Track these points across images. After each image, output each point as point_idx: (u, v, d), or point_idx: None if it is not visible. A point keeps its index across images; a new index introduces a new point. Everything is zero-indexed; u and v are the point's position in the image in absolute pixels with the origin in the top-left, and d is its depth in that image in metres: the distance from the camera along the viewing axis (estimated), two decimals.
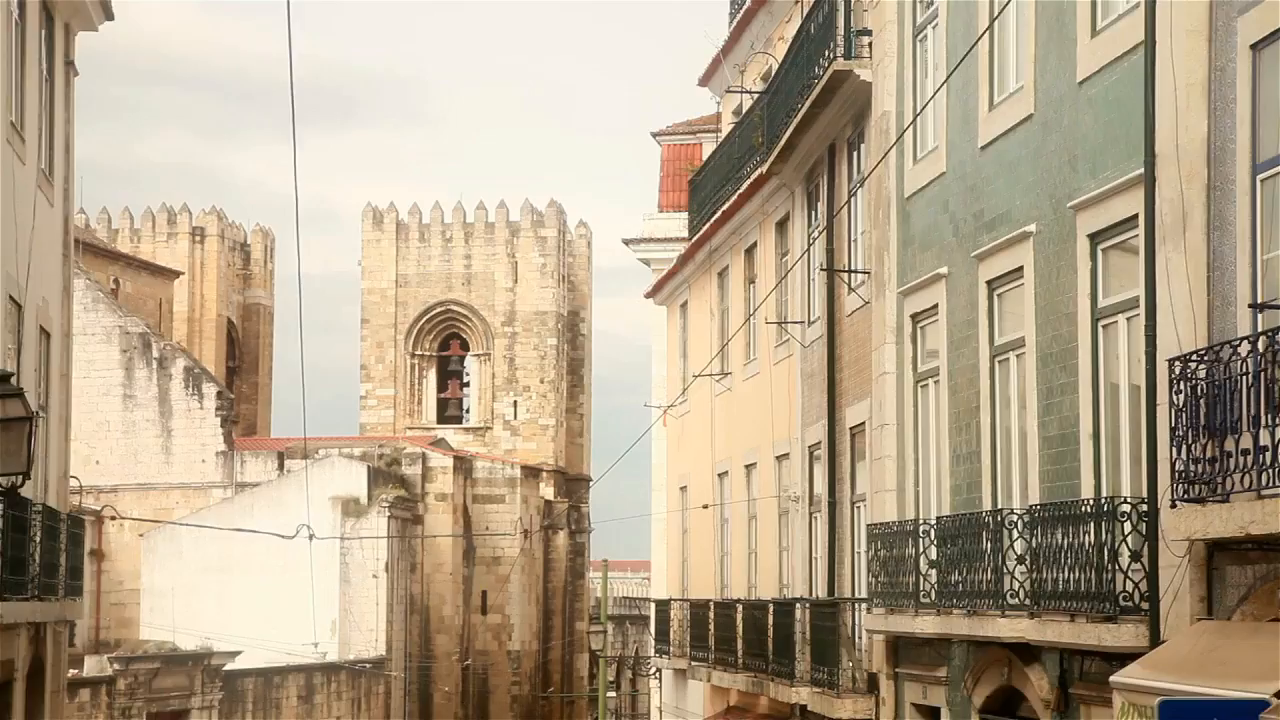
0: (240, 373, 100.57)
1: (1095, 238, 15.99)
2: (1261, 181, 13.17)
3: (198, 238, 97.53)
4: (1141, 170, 14.69)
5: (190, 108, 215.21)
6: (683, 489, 36.64)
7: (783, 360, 28.22)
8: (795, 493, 27.14)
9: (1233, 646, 12.90)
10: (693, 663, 32.75)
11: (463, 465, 77.80)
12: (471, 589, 79.10)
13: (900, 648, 20.91)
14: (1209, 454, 13.06)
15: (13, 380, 15.39)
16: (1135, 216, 15.01)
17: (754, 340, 30.37)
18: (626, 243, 53.61)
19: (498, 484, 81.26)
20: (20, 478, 15.23)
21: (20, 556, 19.55)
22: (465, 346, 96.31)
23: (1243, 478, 12.60)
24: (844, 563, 24.29)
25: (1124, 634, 14.60)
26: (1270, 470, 12.25)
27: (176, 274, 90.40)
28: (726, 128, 34.86)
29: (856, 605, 22.63)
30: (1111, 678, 13.78)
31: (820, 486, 25.64)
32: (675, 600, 35.51)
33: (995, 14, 18.22)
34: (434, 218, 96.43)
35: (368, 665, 61.76)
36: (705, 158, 37.78)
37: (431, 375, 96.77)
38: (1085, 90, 16.20)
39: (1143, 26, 14.69)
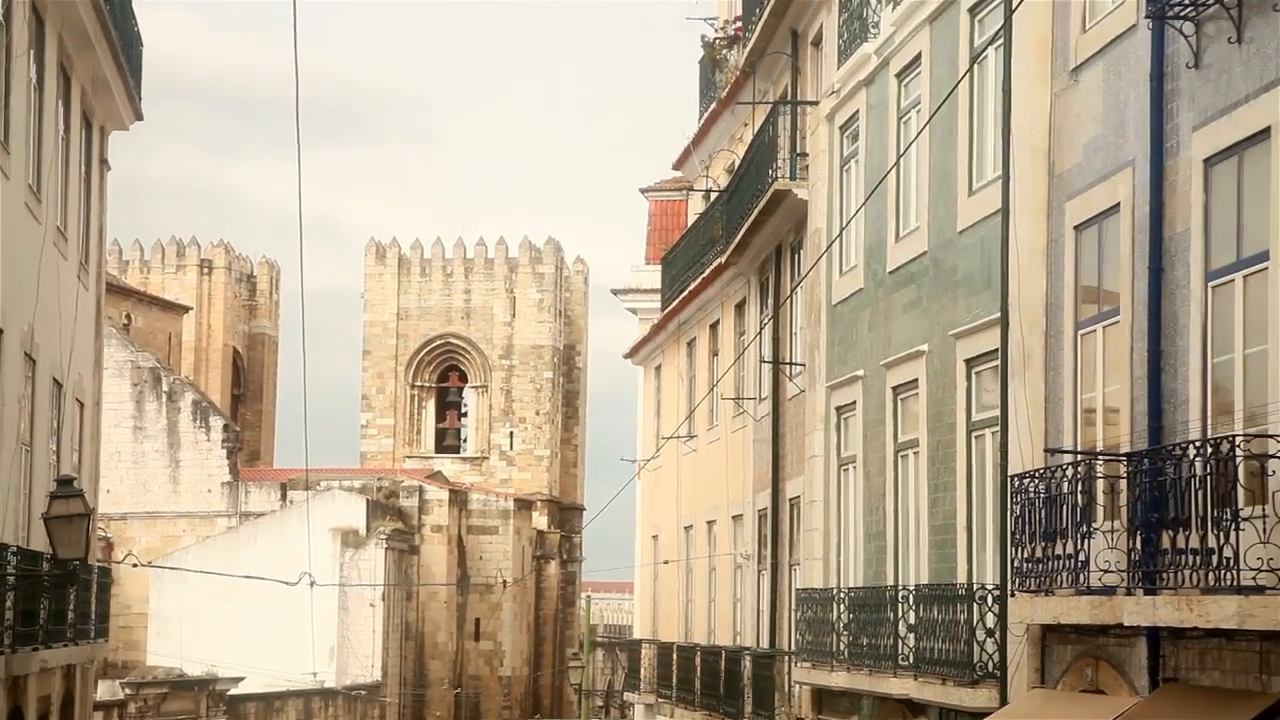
0: (245, 400, 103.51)
1: (970, 362, 19.19)
2: (1082, 336, 16.36)
3: (205, 270, 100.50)
4: (999, 314, 17.89)
5: (194, 123, 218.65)
6: (654, 538, 39.81)
7: (739, 430, 31.38)
8: (747, 551, 30.31)
9: (1054, 711, 16.06)
10: (659, 699, 35.91)
11: (458, 498, 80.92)
12: (465, 616, 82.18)
13: (823, 697, 24.08)
14: (1040, 554, 16.21)
15: (74, 483, 18.55)
16: (996, 350, 18.20)
17: (716, 408, 33.53)
18: (615, 293, 56.89)
19: (492, 515, 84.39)
20: (78, 562, 18.37)
21: (61, 609, 22.73)
22: (463, 378, 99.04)
23: (1065, 576, 15.75)
24: (783, 617, 27.44)
25: (980, 696, 17.79)
26: (1084, 572, 15.39)
27: (186, 309, 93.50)
28: (698, 207, 38.05)
29: (790, 658, 25.78)
30: None
31: (766, 548, 28.81)
32: (645, 641, 38.66)
33: (898, 156, 21.41)
34: (435, 253, 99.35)
35: (363, 691, 64.73)
36: (687, 222, 40.88)
37: (430, 406, 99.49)
38: (964, 239, 19.41)
39: (999, 196, 17.91)
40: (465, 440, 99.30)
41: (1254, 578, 12.31)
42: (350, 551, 68.98)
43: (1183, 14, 14.06)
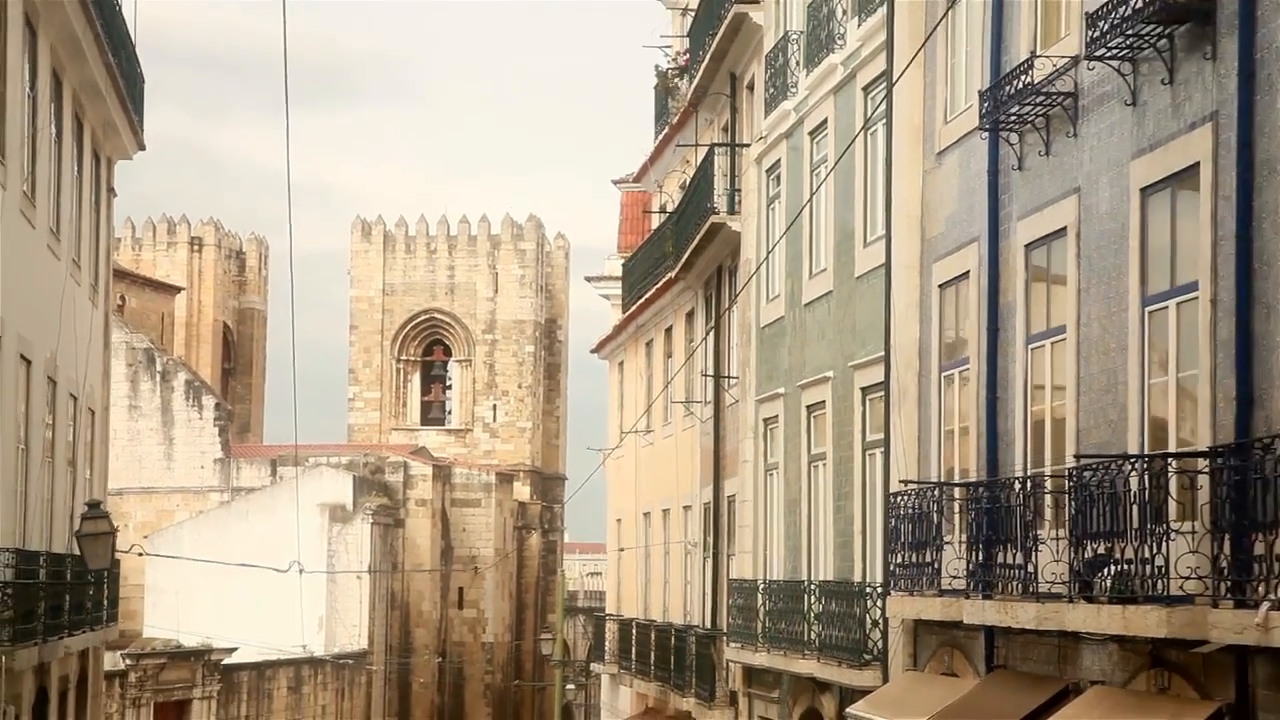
0: (235, 374, 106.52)
1: (865, 390, 22.40)
2: (944, 378, 19.56)
3: (196, 247, 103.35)
4: (884, 353, 21.09)
5: (180, 85, 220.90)
6: (618, 521, 43.07)
7: (688, 429, 34.58)
8: (694, 540, 33.56)
9: (919, 690, 19.31)
10: (620, 670, 39.22)
11: (441, 473, 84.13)
12: (449, 585, 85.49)
13: (751, 673, 27.35)
14: (909, 560, 19.43)
15: (100, 506, 21.80)
16: (883, 383, 21.40)
17: (669, 408, 36.72)
18: (589, 280, 60.16)
19: (474, 489, 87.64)
20: (105, 572, 21.61)
21: (81, 600, 25.95)
22: (448, 352, 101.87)
23: (927, 580, 18.97)
24: (723, 601, 30.68)
25: (867, 677, 21.05)
26: (939, 577, 18.61)
27: (178, 289, 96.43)
28: (660, 215, 41.18)
29: (726, 638, 29.03)
30: (847, 709, 20.24)
31: (710, 537, 32.06)
32: (609, 616, 41.95)
33: (807, 202, 24.58)
34: (419, 230, 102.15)
35: (351, 660, 68.04)
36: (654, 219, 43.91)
37: (416, 379, 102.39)
38: (861, 283, 22.60)
39: (884, 251, 21.09)
40: (450, 413, 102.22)
41: (1049, 588, 15.51)
42: (338, 526, 72.18)
43: (1008, 126, 17.23)
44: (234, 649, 59.17)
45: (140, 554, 35.50)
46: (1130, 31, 14.24)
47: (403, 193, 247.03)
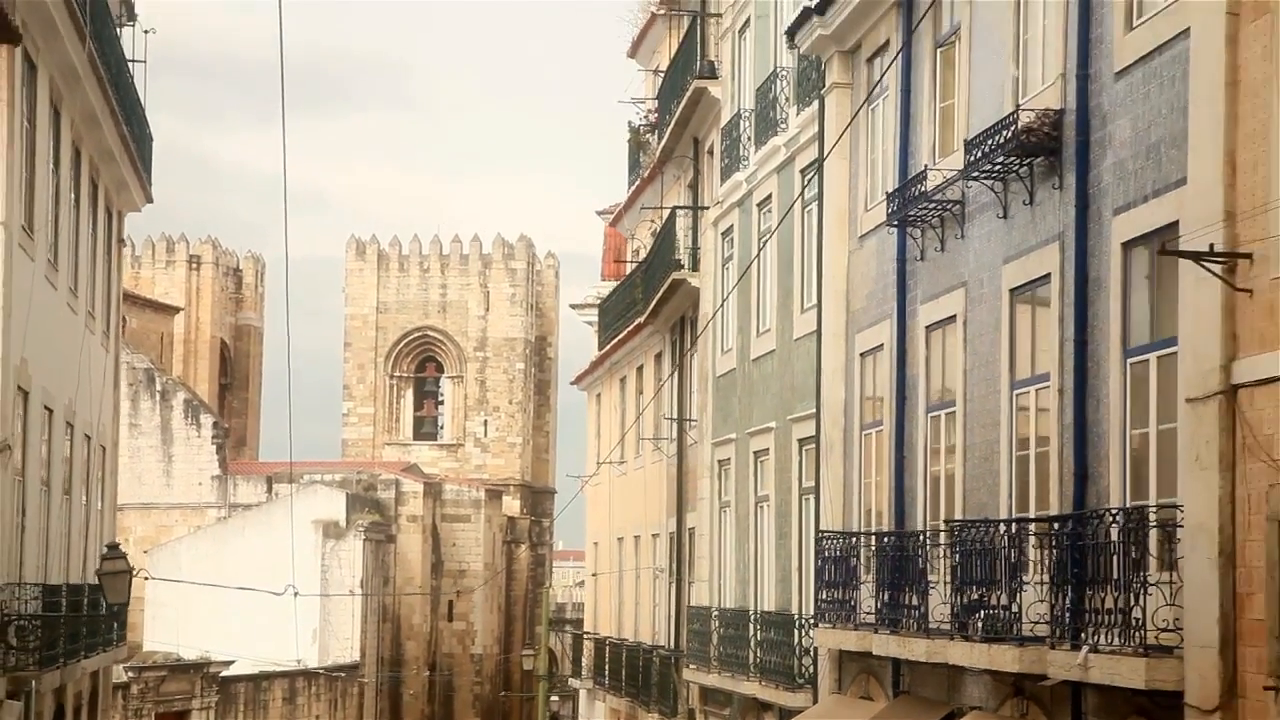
0: (232, 389, 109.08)
1: (801, 442, 25.03)
2: (864, 436, 22.18)
3: (194, 265, 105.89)
4: (815, 410, 23.72)
5: (175, 91, 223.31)
6: (595, 544, 45.69)
7: (657, 463, 37.17)
8: (661, 565, 36.16)
9: (840, 711, 21.92)
10: (595, 685, 41.83)
11: (432, 489, 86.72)
12: (439, 598, 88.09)
13: (706, 692, 29.97)
14: (833, 597, 22.03)
15: (119, 546, 24.48)
16: (814, 436, 24.02)
17: (640, 442, 39.32)
18: (574, 307, 62.81)
19: (464, 505, 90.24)
20: (122, 606, 24.29)
21: (95, 626, 28.57)
22: (440, 369, 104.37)
23: (845, 616, 21.57)
24: (684, 624, 33.28)
25: (799, 699, 23.68)
26: (854, 613, 21.21)
27: (177, 310, 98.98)
28: (635, 258, 43.81)
29: (685, 659, 31.63)
30: None
31: (674, 564, 34.66)
32: (586, 634, 44.57)
33: (751, 263, 27.20)
34: (412, 249, 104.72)
35: (343, 672, 70.67)
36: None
37: (409, 395, 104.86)
38: (799, 345, 25.23)
39: (816, 319, 23.72)
40: (442, 428, 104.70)
41: (939, 626, 18.11)
42: (331, 542, 74.76)
43: (911, 223, 19.86)
44: (231, 661, 61.83)
45: (146, 578, 38.03)
46: (998, 160, 16.87)
47: (397, 200, 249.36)
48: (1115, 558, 14.17)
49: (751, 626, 26.08)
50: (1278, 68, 12.62)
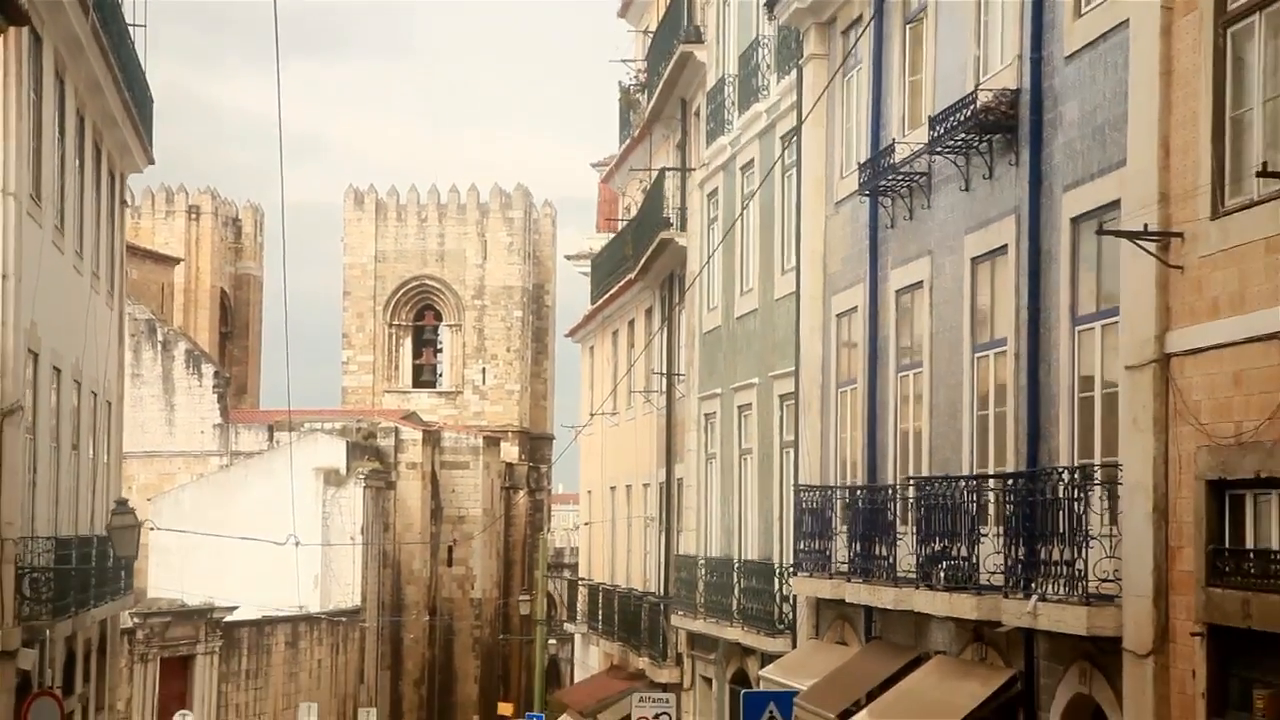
0: (232, 337, 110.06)
1: (782, 398, 26.04)
2: (840, 394, 23.18)
3: (193, 215, 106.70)
4: (794, 368, 24.71)
5: (175, 37, 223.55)
6: (589, 493, 46.76)
7: (648, 414, 38.19)
8: (651, 514, 37.23)
9: (817, 656, 23.00)
10: (589, 630, 42.96)
11: (431, 437, 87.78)
12: (438, 543, 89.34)
13: (693, 638, 31.07)
14: (810, 547, 23.08)
15: (127, 502, 25.53)
16: (793, 393, 25.03)
17: (631, 394, 40.34)
18: (569, 258, 63.82)
19: (463, 452, 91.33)
20: (131, 559, 25.38)
21: (104, 576, 29.65)
22: (438, 317, 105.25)
23: (821, 564, 22.63)
24: (673, 572, 34.35)
25: (779, 643, 24.76)
26: (830, 562, 22.26)
27: (177, 260, 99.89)
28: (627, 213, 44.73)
29: (674, 606, 32.71)
30: (760, 671, 23.93)
31: (663, 513, 35.72)
32: (580, 580, 45.69)
33: (732, 225, 28.15)
34: (410, 199, 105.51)
35: (344, 617, 71.94)
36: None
37: (407, 343, 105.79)
38: (779, 305, 26.20)
39: (795, 280, 24.68)
40: (441, 376, 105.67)
41: (907, 575, 19.14)
42: (332, 490, 75.88)
43: (882, 192, 20.82)
44: (234, 607, 62.98)
45: (152, 529, 39.09)
46: (959, 136, 17.82)
47: (396, 146, 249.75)
48: (1062, 513, 15.18)
49: (735, 575, 27.15)
50: (1206, 58, 13.56)
